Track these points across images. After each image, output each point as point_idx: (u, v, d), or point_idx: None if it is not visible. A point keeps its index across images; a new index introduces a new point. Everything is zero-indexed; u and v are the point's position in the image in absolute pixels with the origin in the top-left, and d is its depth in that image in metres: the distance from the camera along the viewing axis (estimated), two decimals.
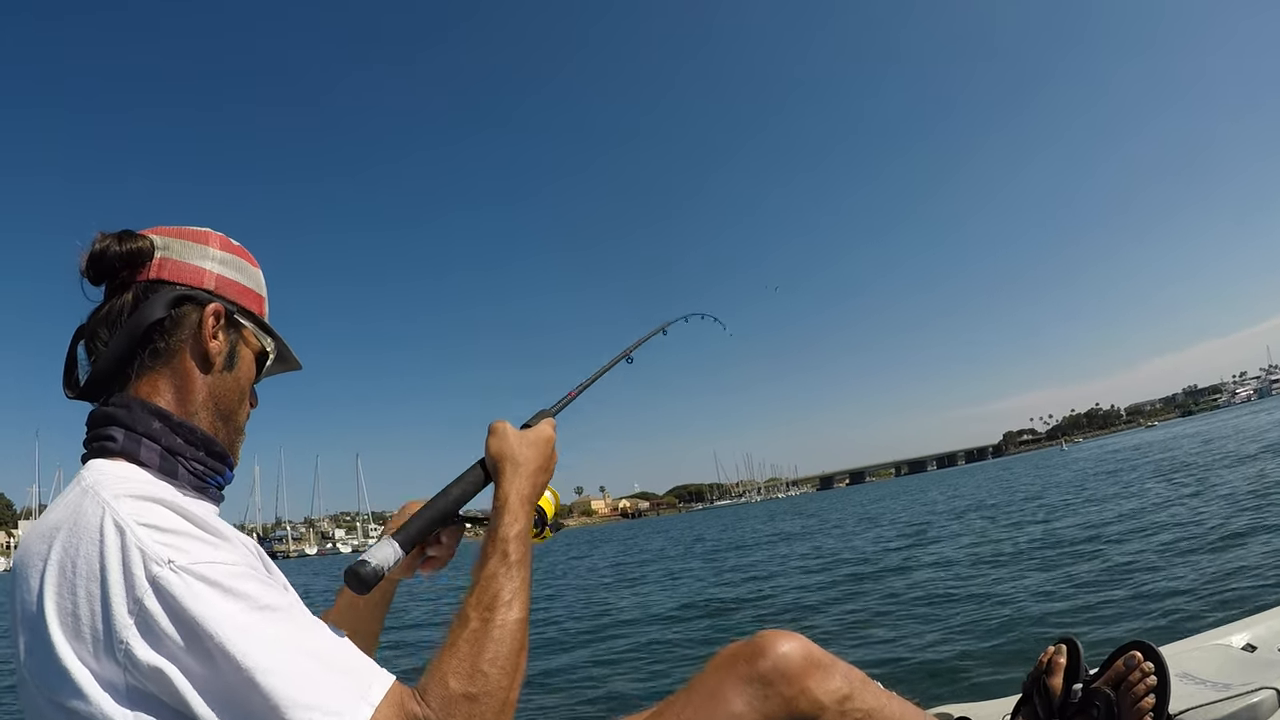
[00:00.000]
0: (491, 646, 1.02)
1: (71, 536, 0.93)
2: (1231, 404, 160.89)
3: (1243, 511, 9.55)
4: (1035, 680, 1.87)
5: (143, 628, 0.87)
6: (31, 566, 0.95)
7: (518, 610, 1.09)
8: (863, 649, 5.70)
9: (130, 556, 0.89)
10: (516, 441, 1.28)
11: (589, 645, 8.01)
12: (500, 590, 1.09)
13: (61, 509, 0.99)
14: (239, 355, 1.23)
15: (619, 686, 5.88)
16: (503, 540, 1.15)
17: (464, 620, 1.06)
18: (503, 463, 1.25)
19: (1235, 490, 11.95)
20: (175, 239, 1.21)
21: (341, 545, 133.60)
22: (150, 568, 0.88)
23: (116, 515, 0.93)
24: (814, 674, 1.38)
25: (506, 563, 1.13)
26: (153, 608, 0.87)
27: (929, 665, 4.93)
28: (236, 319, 1.22)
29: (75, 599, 0.90)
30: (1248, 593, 5.31)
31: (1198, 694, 1.83)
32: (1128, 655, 1.77)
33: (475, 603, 1.07)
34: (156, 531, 0.92)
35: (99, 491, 0.97)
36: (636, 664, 6.73)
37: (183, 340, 1.15)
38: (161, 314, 1.13)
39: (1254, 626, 2.27)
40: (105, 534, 0.91)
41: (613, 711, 1.70)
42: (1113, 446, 54.94)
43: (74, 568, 0.91)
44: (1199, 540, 7.98)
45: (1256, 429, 31.05)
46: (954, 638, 5.51)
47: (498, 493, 1.22)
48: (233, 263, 1.25)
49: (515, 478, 1.24)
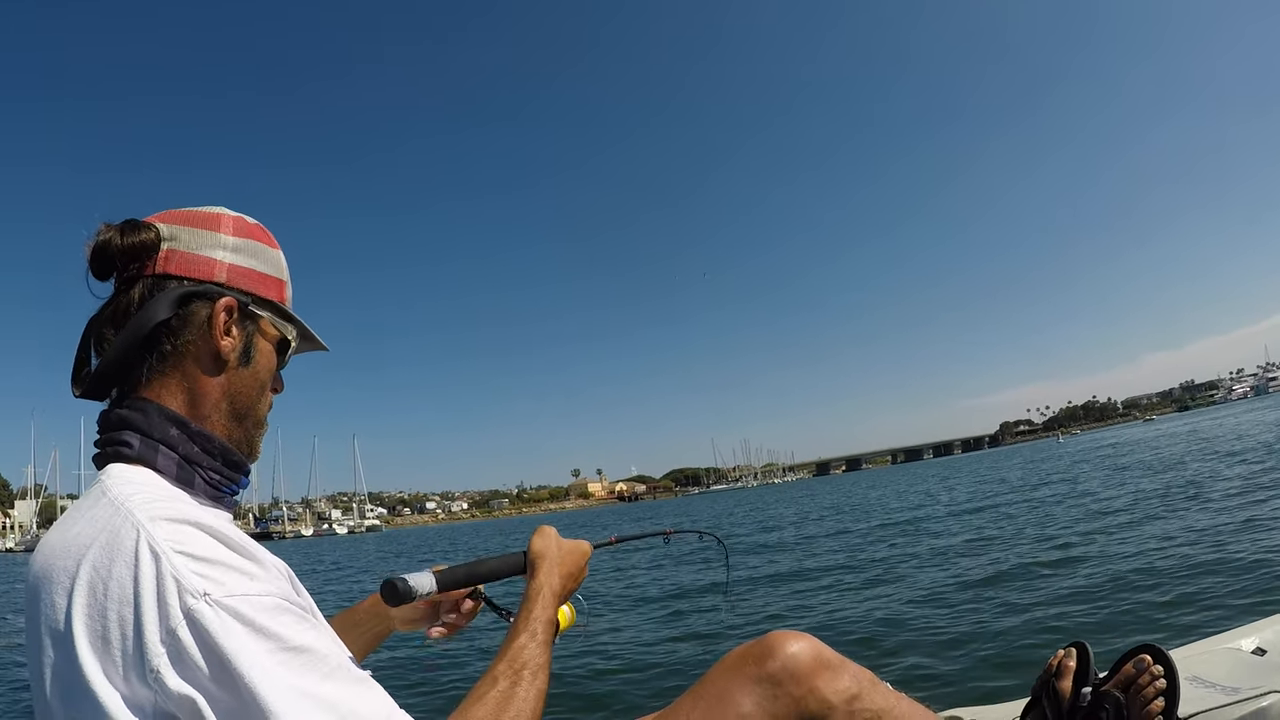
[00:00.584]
0: (515, 707, 1.07)
1: (104, 556, 0.90)
2: (1228, 400, 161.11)
3: (1245, 511, 9.54)
4: (1044, 683, 1.86)
5: (174, 658, 0.85)
6: (58, 584, 0.92)
7: (541, 683, 1.13)
8: (869, 649, 5.67)
9: (165, 586, 0.86)
10: (557, 546, 1.37)
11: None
12: (529, 661, 1.15)
13: (88, 524, 0.95)
14: (256, 348, 1.15)
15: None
16: (534, 620, 1.22)
17: (493, 680, 1.10)
18: (541, 560, 1.33)
19: (1235, 488, 11.96)
20: (183, 226, 1.12)
21: (338, 526, 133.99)
22: (185, 599, 0.86)
23: (153, 540, 0.89)
24: (823, 674, 1.38)
25: (536, 640, 1.19)
26: (186, 640, 0.85)
27: (939, 667, 4.90)
28: (252, 310, 1.15)
29: (106, 622, 0.87)
30: (1257, 596, 5.29)
31: (1207, 697, 1.82)
32: (1137, 658, 1.76)
33: (505, 669, 1.12)
34: (192, 560, 0.89)
35: (132, 511, 0.93)
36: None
37: (192, 340, 1.08)
38: (167, 314, 1.06)
39: (1264, 630, 2.26)
40: (140, 559, 0.88)
41: (621, 715, 1.69)
42: (1109, 440, 54.96)
43: (106, 591, 0.88)
44: (1207, 541, 7.94)
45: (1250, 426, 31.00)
46: (963, 640, 5.48)
47: (533, 582, 1.30)
48: (247, 248, 1.16)
49: (551, 574, 1.32)
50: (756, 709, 1.36)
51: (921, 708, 1.50)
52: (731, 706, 1.36)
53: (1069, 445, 69.47)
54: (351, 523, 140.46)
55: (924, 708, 1.51)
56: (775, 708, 1.36)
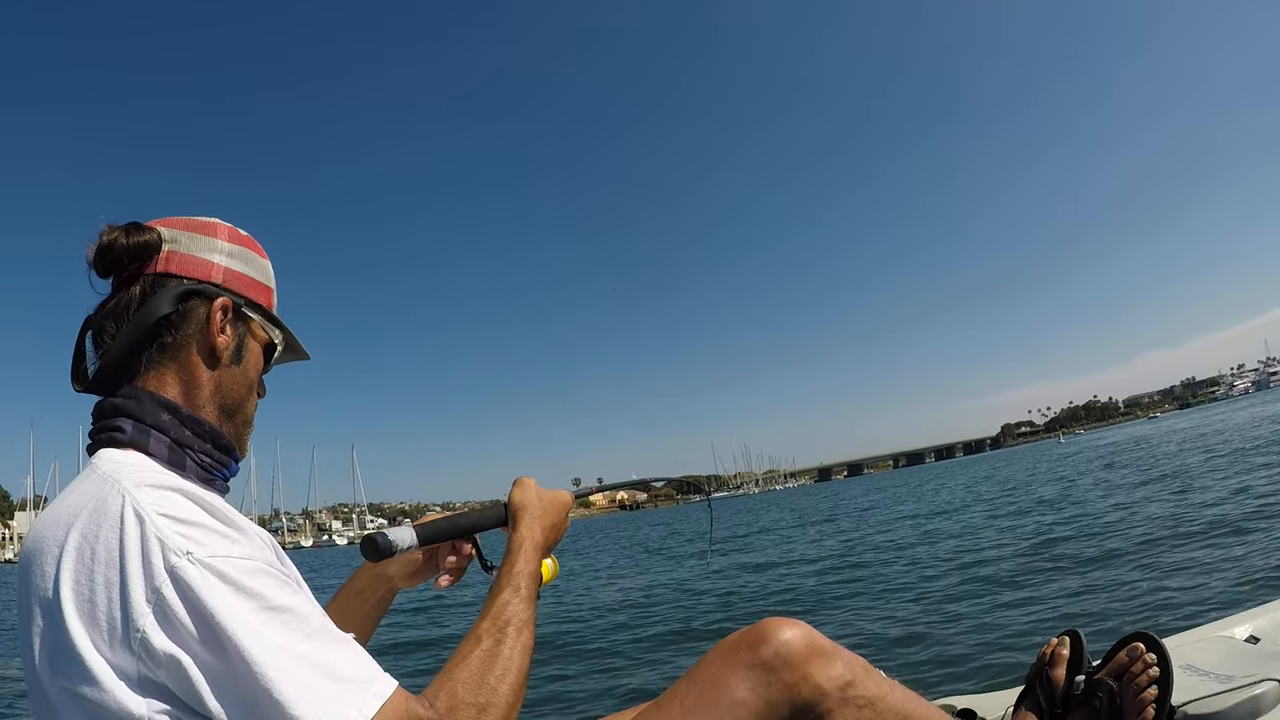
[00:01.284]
0: (500, 665, 1.07)
1: (91, 523, 0.94)
2: (1230, 396, 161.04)
3: (1241, 503, 9.55)
4: (1038, 672, 1.86)
5: (160, 617, 0.87)
6: (46, 553, 0.95)
7: (527, 639, 1.14)
8: (864, 638, 5.69)
9: (150, 545, 0.90)
10: (538, 497, 1.37)
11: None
12: (513, 618, 1.14)
13: (77, 495, 0.99)
14: (246, 348, 1.22)
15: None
16: (516, 575, 1.22)
17: (477, 639, 1.10)
18: (522, 511, 1.33)
19: (1230, 482, 11.96)
20: (183, 231, 1.20)
21: (337, 538, 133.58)
22: (169, 558, 0.89)
23: (137, 504, 0.93)
24: (816, 661, 1.38)
25: (519, 595, 1.19)
26: (170, 598, 0.87)
27: (932, 656, 4.91)
28: (244, 312, 1.22)
29: (93, 585, 0.90)
30: (1251, 584, 5.30)
31: (1201, 685, 1.83)
32: (1131, 646, 1.76)
33: (489, 626, 1.12)
34: (176, 522, 0.93)
35: (119, 479, 0.97)
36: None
37: (190, 335, 1.15)
38: (169, 309, 1.13)
39: (1257, 618, 2.27)
40: (125, 522, 0.92)
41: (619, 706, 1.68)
42: (1110, 439, 54.93)
43: (93, 554, 0.91)
44: (1198, 531, 7.97)
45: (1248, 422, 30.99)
46: (958, 628, 5.49)
47: (514, 535, 1.30)
48: (240, 255, 1.24)
49: (533, 526, 1.32)
50: (750, 695, 1.35)
51: (914, 695, 1.49)
52: (725, 692, 1.36)
53: (1070, 445, 69.60)
54: (351, 534, 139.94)
55: (917, 695, 1.50)
56: (768, 694, 1.35)
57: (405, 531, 1.25)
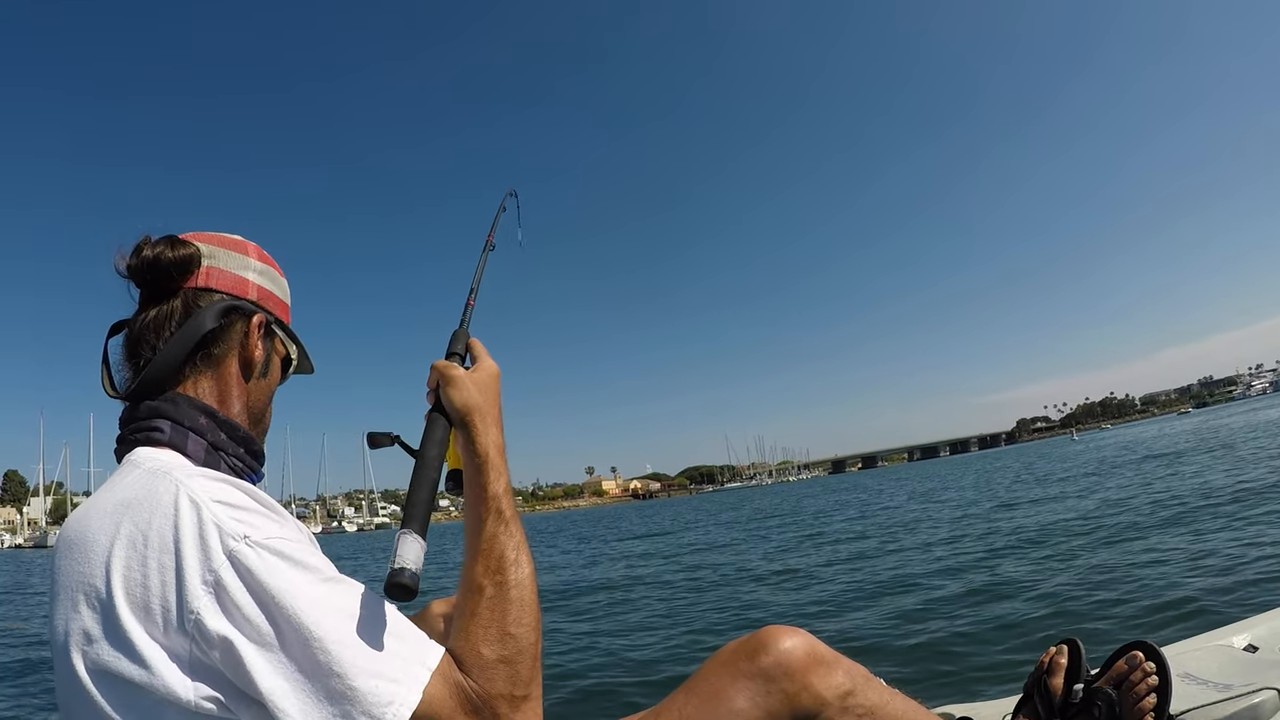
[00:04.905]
0: (513, 609, 1.02)
1: (143, 512, 0.96)
2: (1246, 396, 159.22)
3: (1240, 508, 9.45)
4: (1036, 680, 1.86)
5: (219, 599, 0.89)
6: (95, 543, 0.97)
7: (526, 565, 1.07)
8: (863, 647, 5.67)
9: (207, 530, 0.92)
10: (475, 388, 1.17)
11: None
12: (505, 550, 1.05)
13: (122, 488, 1.01)
14: (271, 363, 1.30)
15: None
16: (494, 499, 1.09)
17: (478, 589, 1.03)
18: (471, 415, 1.14)
19: (1229, 486, 11.85)
20: (220, 248, 1.25)
21: (347, 524, 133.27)
22: (227, 542, 0.91)
23: (191, 492, 0.96)
24: (817, 670, 1.37)
25: (503, 520, 1.07)
26: (230, 580, 0.90)
27: (930, 665, 4.89)
28: (273, 328, 1.29)
29: (146, 571, 0.92)
30: (1249, 593, 5.26)
31: (1199, 694, 1.82)
32: (1129, 655, 1.75)
33: (484, 570, 1.04)
34: (230, 508, 0.96)
35: (170, 472, 1.00)
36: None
37: (230, 348, 1.21)
38: (213, 324, 1.18)
39: (1255, 627, 2.25)
40: (181, 509, 0.94)
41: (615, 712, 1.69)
42: (1127, 438, 54.45)
43: (146, 541, 0.93)
44: (1196, 539, 7.88)
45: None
46: (956, 637, 5.47)
47: (474, 448, 1.12)
48: (268, 274, 1.31)
49: (488, 428, 1.14)
50: (750, 705, 1.34)
51: (914, 704, 1.49)
52: (724, 703, 1.35)
53: (1082, 442, 69.05)
54: (361, 520, 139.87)
55: (917, 704, 1.50)
56: (769, 704, 1.35)
57: (413, 545, 0.99)
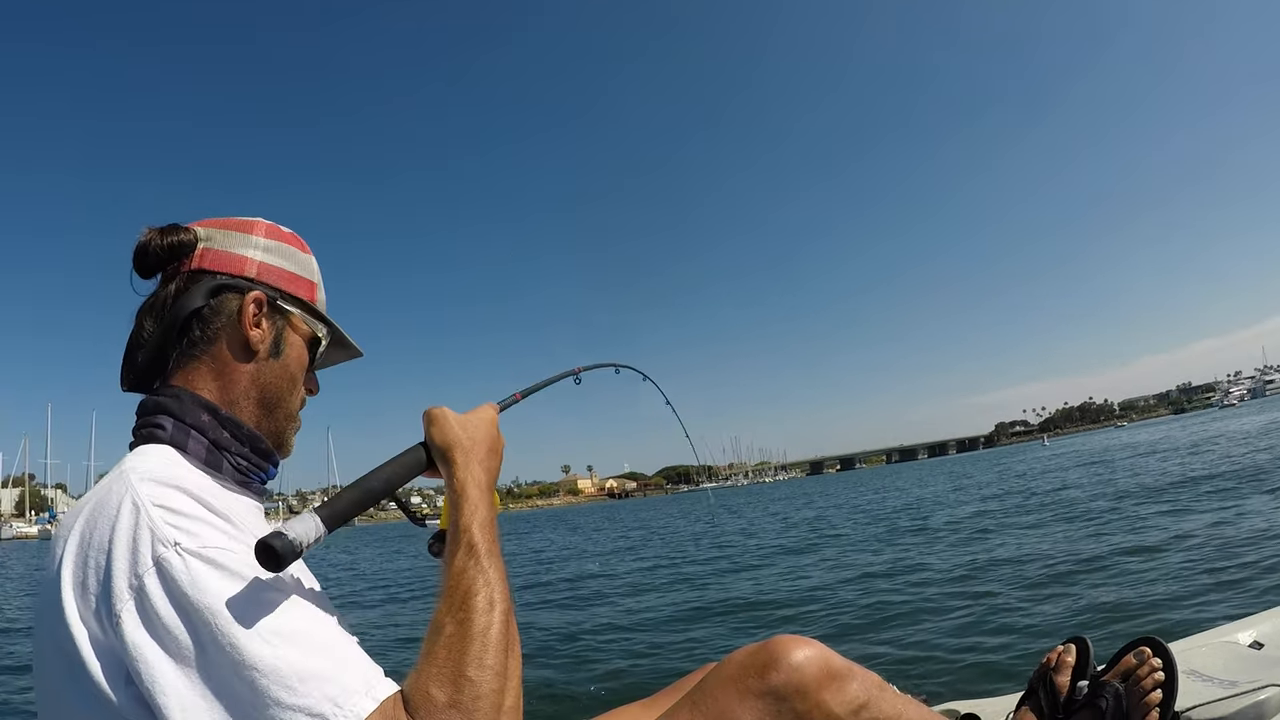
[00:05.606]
0: (474, 649, 0.92)
1: (94, 511, 0.96)
2: (1224, 404, 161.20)
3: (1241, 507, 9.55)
4: (1041, 677, 1.85)
5: (138, 604, 0.87)
6: (60, 536, 0.98)
7: (499, 604, 0.98)
8: (868, 646, 5.66)
9: (140, 535, 0.90)
10: (460, 426, 1.17)
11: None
12: (472, 586, 0.98)
13: (97, 489, 1.01)
14: (286, 342, 1.22)
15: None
16: (465, 530, 1.05)
17: (439, 628, 0.95)
18: (451, 450, 1.14)
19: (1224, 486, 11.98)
20: (218, 229, 1.21)
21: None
22: (156, 548, 0.89)
23: (136, 495, 0.94)
24: (830, 686, 1.30)
25: (474, 555, 1.02)
26: (151, 587, 0.87)
27: (935, 662, 4.88)
28: (281, 305, 1.22)
29: (85, 569, 0.92)
30: (1254, 590, 5.29)
31: (1205, 691, 1.82)
32: (1137, 650, 1.76)
33: (447, 607, 0.97)
34: (169, 513, 0.93)
35: (129, 473, 0.99)
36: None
37: (221, 328, 1.16)
38: (200, 303, 1.14)
39: (1260, 624, 2.27)
40: (121, 511, 0.93)
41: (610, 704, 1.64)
42: (1095, 444, 55.09)
43: (90, 540, 0.93)
44: (1197, 538, 7.95)
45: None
46: (959, 635, 5.47)
47: (452, 483, 1.11)
48: (278, 249, 1.24)
49: (469, 464, 1.13)
50: None
51: (929, 710, 1.45)
52: None
53: (1052, 448, 70.13)
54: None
55: (931, 710, 1.46)
56: None
57: (307, 521, 0.95)
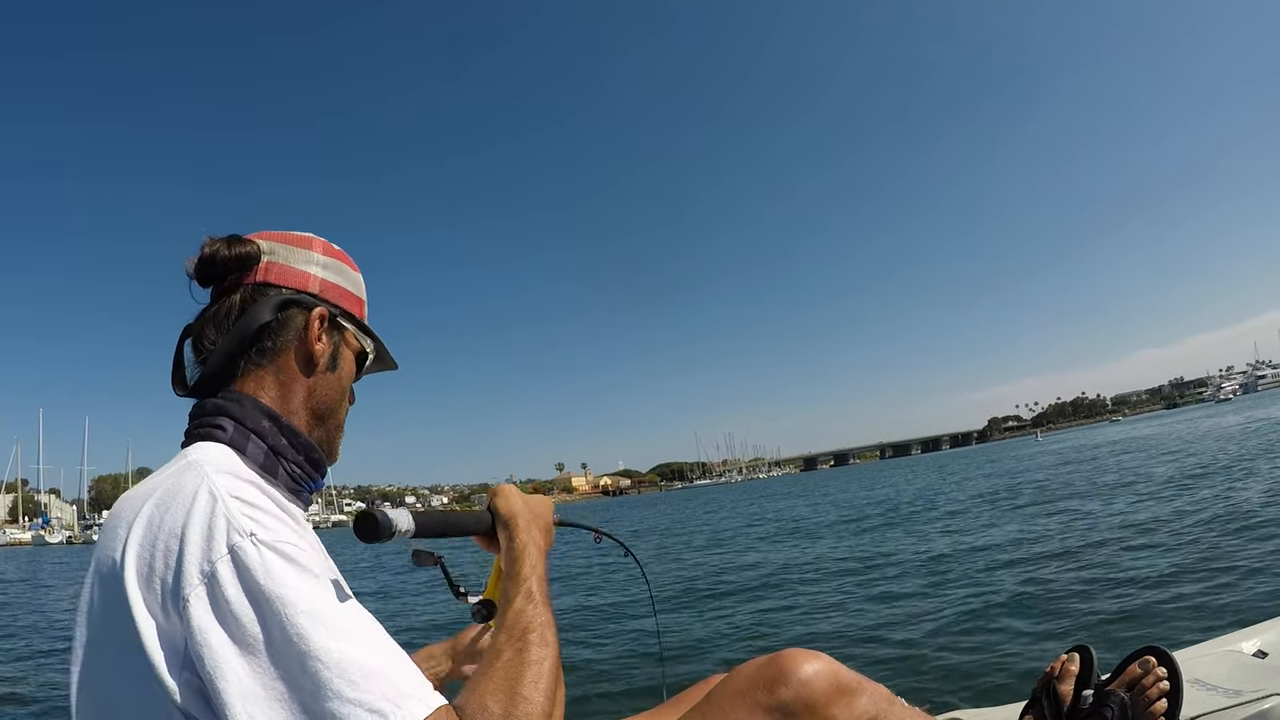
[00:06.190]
0: (530, 673, 1.00)
1: (165, 498, 0.97)
2: (1217, 399, 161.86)
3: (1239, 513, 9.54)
4: (1045, 686, 1.85)
5: (209, 590, 0.88)
6: (122, 521, 0.99)
7: (551, 643, 1.07)
8: (871, 654, 5.64)
9: (215, 523, 0.92)
10: (523, 501, 1.29)
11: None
12: (530, 623, 1.08)
13: (163, 477, 1.03)
14: (341, 356, 1.26)
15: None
16: (524, 580, 1.15)
17: (497, 653, 1.03)
18: (515, 518, 1.25)
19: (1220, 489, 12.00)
20: (281, 244, 1.24)
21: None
22: (231, 536, 0.91)
23: (212, 484, 0.97)
24: (839, 700, 1.31)
25: (532, 600, 1.12)
26: (224, 574, 0.89)
27: (938, 671, 4.87)
28: (339, 322, 1.26)
29: (154, 553, 0.93)
30: (1258, 599, 5.27)
31: (1209, 700, 1.82)
32: (1142, 659, 1.76)
33: (506, 638, 1.05)
34: (245, 505, 0.96)
35: (203, 465, 1.02)
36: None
37: (288, 342, 1.19)
38: (269, 317, 1.17)
39: (1265, 633, 2.26)
40: (197, 499, 0.95)
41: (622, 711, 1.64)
42: (1087, 440, 55.23)
43: (160, 524, 0.94)
44: (1204, 545, 7.92)
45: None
46: (964, 643, 5.45)
47: (514, 543, 1.22)
48: (335, 267, 1.28)
49: (531, 530, 1.24)
50: None
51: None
52: None
53: (1045, 443, 70.47)
54: (318, 517, 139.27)
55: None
56: None
57: (403, 515, 1.14)
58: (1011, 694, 3.45)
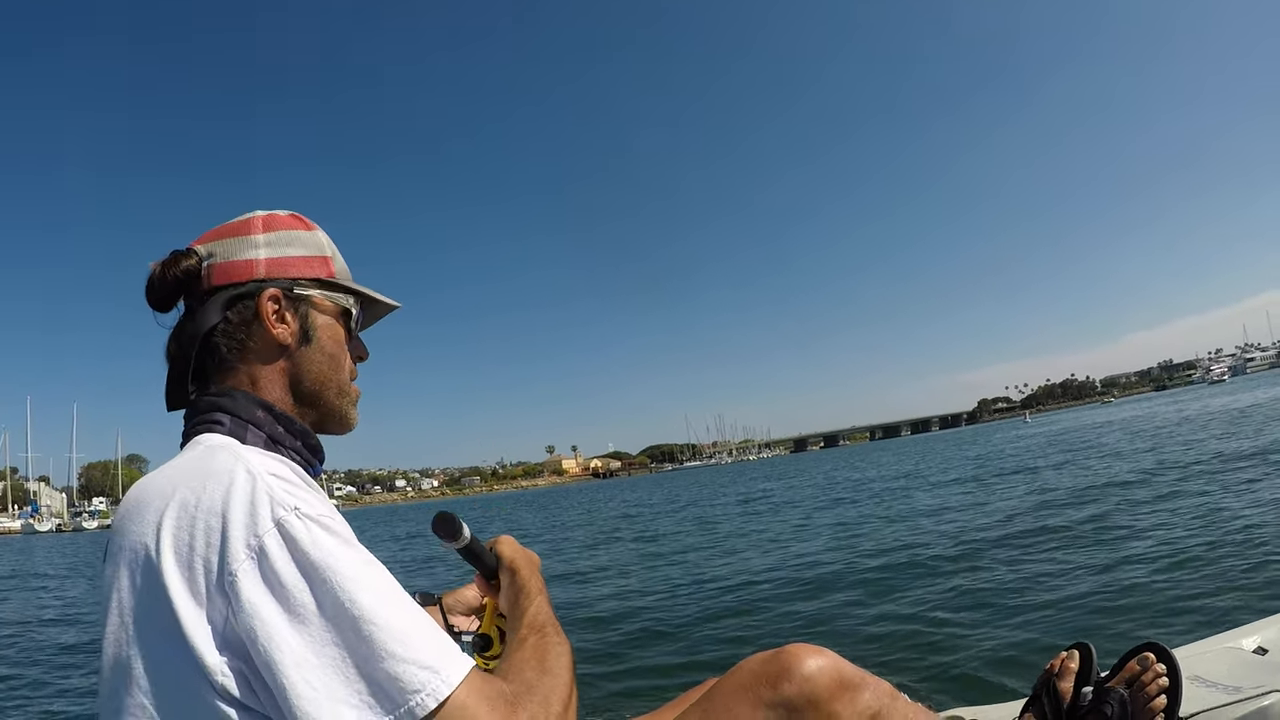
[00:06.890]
0: (554, 652, 1.07)
1: (199, 479, 0.96)
2: (1205, 381, 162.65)
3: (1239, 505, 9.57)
4: (1045, 683, 1.84)
5: (259, 564, 0.89)
6: (150, 507, 0.97)
7: (567, 640, 1.12)
8: (872, 652, 5.62)
9: (259, 498, 0.92)
10: (524, 555, 1.31)
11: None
12: (548, 620, 1.15)
13: (186, 461, 1.03)
14: (314, 325, 1.23)
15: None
16: (536, 593, 1.21)
17: (521, 640, 1.10)
18: (518, 561, 1.28)
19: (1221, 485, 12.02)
20: (217, 241, 1.21)
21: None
22: (277, 511, 0.91)
23: (248, 464, 0.97)
24: (842, 697, 1.29)
25: (547, 606, 1.19)
26: (273, 547, 0.89)
27: (939, 668, 4.86)
28: (298, 293, 1.22)
29: (193, 533, 0.92)
30: (1258, 595, 5.27)
31: (1209, 697, 1.82)
32: (1141, 656, 1.76)
33: (528, 630, 1.12)
34: (284, 482, 0.96)
35: (231, 446, 1.03)
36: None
37: (249, 336, 1.18)
38: (217, 318, 1.16)
39: (1265, 630, 2.25)
40: (236, 477, 0.94)
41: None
42: (1075, 421, 55.49)
43: (197, 504, 0.94)
44: (1201, 542, 7.93)
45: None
46: (964, 640, 5.45)
47: (515, 580, 1.25)
48: (281, 239, 1.24)
49: (534, 575, 1.27)
50: None
51: (939, 719, 1.44)
52: None
53: (1032, 425, 70.82)
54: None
55: (940, 718, 1.45)
56: None
57: (467, 528, 1.26)
58: (1012, 691, 3.47)
